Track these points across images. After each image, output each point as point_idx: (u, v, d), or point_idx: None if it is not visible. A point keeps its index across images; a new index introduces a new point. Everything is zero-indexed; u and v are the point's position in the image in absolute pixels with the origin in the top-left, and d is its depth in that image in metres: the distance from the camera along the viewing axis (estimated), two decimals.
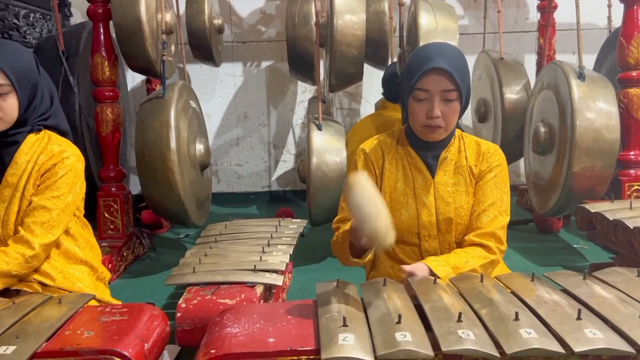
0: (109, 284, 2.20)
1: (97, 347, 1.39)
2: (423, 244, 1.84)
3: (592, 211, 2.62)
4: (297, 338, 1.35)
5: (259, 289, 2.06)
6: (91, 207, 2.79)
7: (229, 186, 4.93)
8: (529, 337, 1.26)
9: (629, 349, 1.25)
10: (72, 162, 1.90)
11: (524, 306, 1.44)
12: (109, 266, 2.91)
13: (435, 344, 1.26)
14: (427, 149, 1.83)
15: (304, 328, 1.40)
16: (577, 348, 1.25)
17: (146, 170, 3.04)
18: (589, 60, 3.85)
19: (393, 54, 4.18)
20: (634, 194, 3.12)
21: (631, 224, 2.32)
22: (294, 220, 2.99)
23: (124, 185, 3.32)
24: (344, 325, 1.32)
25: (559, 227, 3.70)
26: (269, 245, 2.44)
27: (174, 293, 2.70)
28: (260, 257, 2.27)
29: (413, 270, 1.67)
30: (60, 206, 1.87)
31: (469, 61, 1.81)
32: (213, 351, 1.33)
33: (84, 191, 2.00)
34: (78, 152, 1.96)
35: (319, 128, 3.14)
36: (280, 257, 2.29)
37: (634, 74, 3.11)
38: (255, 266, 2.17)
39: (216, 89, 4.80)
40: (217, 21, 4.11)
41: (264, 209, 4.67)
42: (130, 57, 3.06)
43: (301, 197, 4.73)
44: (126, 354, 1.37)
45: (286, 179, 4.95)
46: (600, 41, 4.15)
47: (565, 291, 1.58)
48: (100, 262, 2.12)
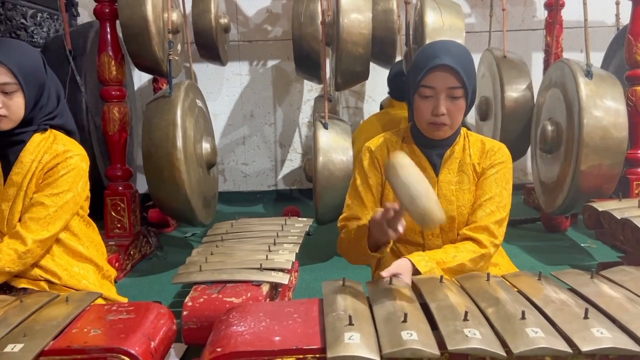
0: (115, 282, 2.20)
1: (103, 345, 1.40)
2: (427, 242, 1.84)
3: (600, 210, 2.60)
4: (302, 337, 1.35)
5: (265, 288, 2.06)
6: (98, 206, 2.81)
7: (235, 185, 4.94)
8: (536, 336, 1.25)
9: (636, 348, 1.24)
10: (75, 161, 1.90)
11: (530, 305, 1.44)
12: (116, 265, 2.92)
13: (441, 343, 1.26)
14: (432, 147, 1.83)
15: (309, 327, 1.40)
16: (584, 347, 1.24)
17: (153, 169, 3.05)
18: (597, 58, 3.83)
19: (401, 52, 4.18)
20: None
21: (639, 223, 2.31)
22: (300, 219, 2.99)
23: (130, 184, 3.33)
24: (350, 324, 1.32)
25: (567, 226, 3.68)
26: (275, 244, 2.44)
27: (181, 291, 2.70)
28: (267, 255, 2.27)
29: (395, 269, 1.63)
30: (59, 203, 1.87)
31: (475, 59, 1.80)
32: (219, 349, 1.33)
33: (87, 190, 2.00)
34: (83, 152, 1.96)
35: (325, 127, 3.14)
36: (287, 255, 2.29)
37: None
38: (261, 265, 2.17)
39: (222, 88, 4.81)
40: (224, 20, 4.11)
41: (270, 207, 4.67)
42: (136, 56, 3.07)
43: (307, 196, 4.73)
44: (133, 352, 1.38)
45: (292, 177, 4.95)
46: (608, 39, 4.13)
47: (573, 290, 1.57)
48: (105, 261, 2.12)
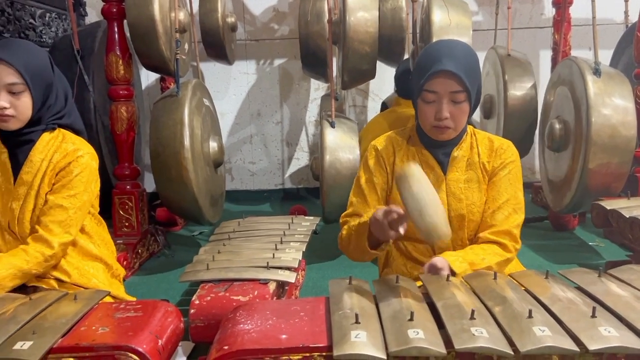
0: (123, 280, 2.22)
1: (111, 343, 1.41)
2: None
3: (608, 208, 2.59)
4: (309, 335, 1.36)
5: (272, 286, 2.07)
6: (106, 205, 2.82)
7: (242, 184, 4.95)
8: (543, 335, 1.25)
9: None
10: (86, 160, 1.91)
11: (537, 304, 1.44)
12: (124, 263, 2.93)
13: (448, 342, 1.26)
14: (438, 147, 1.82)
15: (316, 325, 1.41)
16: (592, 346, 1.24)
17: (160, 168, 3.06)
18: (605, 56, 3.81)
19: (408, 50, 4.17)
20: None
21: None
22: (306, 217, 2.99)
23: (138, 183, 3.35)
24: (357, 322, 1.32)
25: (575, 225, 3.66)
26: (282, 242, 2.45)
27: (188, 290, 2.71)
28: (273, 254, 2.28)
29: (435, 262, 1.66)
30: (77, 205, 1.89)
31: (482, 57, 1.79)
32: (226, 347, 1.34)
33: (98, 189, 2.01)
34: (92, 150, 1.98)
35: (332, 125, 3.14)
36: (293, 254, 2.30)
37: None
38: (268, 263, 2.18)
39: (229, 87, 4.82)
40: (230, 19, 4.12)
41: (277, 206, 4.68)
42: (144, 55, 3.08)
43: (314, 195, 4.73)
44: (140, 350, 1.39)
45: (299, 176, 4.96)
46: (617, 36, 4.10)
47: (580, 289, 1.56)
48: (114, 259, 2.14)
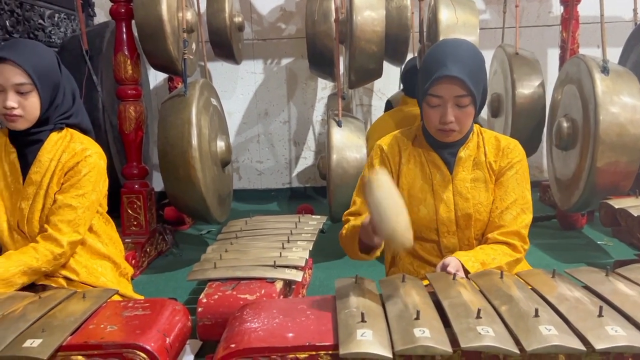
0: (132, 279, 2.23)
1: (120, 341, 1.42)
2: (442, 240, 1.83)
3: (617, 207, 2.58)
4: (315, 333, 1.36)
5: (279, 285, 2.08)
6: (115, 204, 2.84)
7: (250, 183, 4.97)
8: (549, 334, 1.25)
9: None
10: (94, 160, 1.93)
11: (544, 303, 1.43)
12: (133, 262, 2.95)
13: (454, 341, 1.26)
14: (444, 147, 1.82)
15: (322, 323, 1.41)
16: (598, 345, 1.23)
17: (168, 167, 3.08)
18: (614, 54, 3.78)
19: (414, 49, 4.16)
20: None
21: None
22: (313, 216, 3.00)
23: (146, 182, 3.36)
24: (363, 321, 1.33)
25: (583, 224, 3.64)
26: (288, 241, 2.46)
27: (196, 288, 2.73)
28: (280, 253, 2.29)
29: (448, 263, 1.66)
30: (85, 204, 1.90)
31: (490, 56, 1.78)
32: (233, 345, 1.35)
33: (106, 188, 2.03)
34: (100, 149, 1.99)
35: (339, 125, 3.15)
36: (300, 253, 2.30)
37: None
38: (275, 262, 2.19)
39: (237, 86, 4.83)
40: (238, 19, 4.13)
41: (284, 205, 4.69)
42: (152, 55, 3.10)
43: (321, 194, 4.73)
44: (148, 348, 1.40)
45: (306, 175, 4.96)
46: (626, 34, 4.07)
47: (587, 288, 1.56)
48: (122, 258, 2.15)
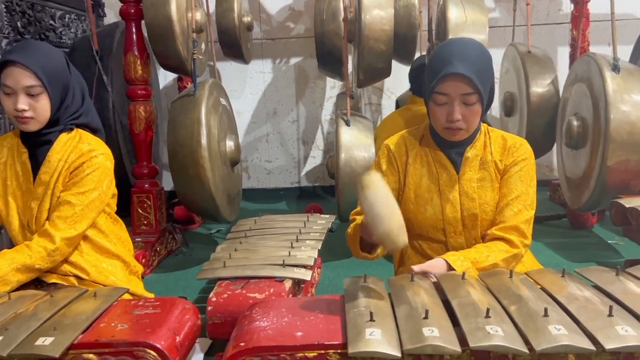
0: (142, 278, 2.24)
1: (130, 339, 1.43)
2: (449, 240, 1.83)
3: (627, 206, 2.57)
4: (324, 332, 1.37)
5: (288, 284, 2.08)
6: (125, 204, 2.86)
7: (259, 182, 4.98)
8: (559, 334, 1.25)
9: None
10: (100, 160, 1.94)
11: (553, 302, 1.43)
12: (143, 261, 2.97)
13: (462, 340, 1.26)
14: (451, 147, 1.81)
15: (331, 322, 1.41)
16: (608, 345, 1.23)
17: (178, 167, 3.09)
18: (625, 52, 3.76)
19: (422, 48, 4.15)
20: None
21: None
22: (322, 215, 3.00)
23: (156, 182, 3.38)
24: (371, 320, 1.33)
25: (593, 223, 3.62)
26: (297, 240, 2.46)
27: (205, 287, 2.74)
28: (289, 252, 2.30)
29: (428, 268, 1.65)
30: (85, 202, 1.91)
31: (500, 54, 1.78)
32: (242, 344, 1.36)
33: (112, 188, 2.04)
34: (107, 150, 2.00)
35: (347, 124, 3.15)
36: (309, 252, 2.31)
37: None
38: (284, 261, 2.19)
39: (246, 86, 4.84)
40: (247, 19, 4.14)
41: (293, 204, 4.70)
42: (161, 55, 3.11)
43: (330, 193, 4.73)
44: (158, 346, 1.41)
45: (315, 174, 4.97)
46: (637, 32, 4.04)
47: (597, 287, 1.55)
48: (132, 257, 2.16)
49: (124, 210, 2.57)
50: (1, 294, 1.68)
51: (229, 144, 3.31)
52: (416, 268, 1.64)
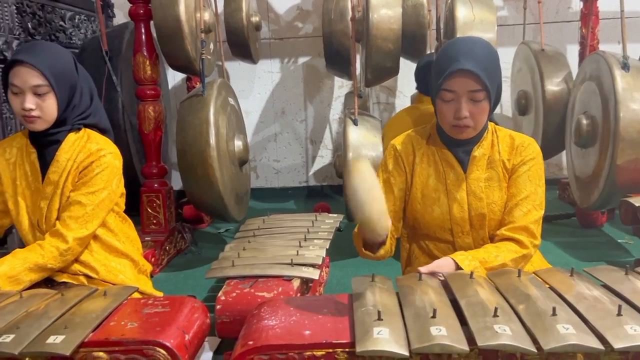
0: (151, 276, 2.26)
1: (140, 337, 1.44)
2: (457, 240, 1.82)
3: (637, 205, 2.55)
4: (332, 331, 1.37)
5: (296, 283, 2.09)
6: (134, 203, 2.88)
7: (267, 181, 4.99)
8: (567, 333, 1.24)
9: None
10: (108, 159, 1.95)
11: (562, 301, 1.42)
12: (152, 260, 2.99)
13: (470, 339, 1.26)
14: (458, 146, 1.80)
15: (339, 321, 1.42)
16: (617, 344, 1.22)
17: (187, 167, 3.11)
18: (635, 50, 3.72)
19: (432, 47, 4.14)
20: None
21: None
22: (330, 215, 3.01)
23: (165, 181, 3.40)
24: (379, 319, 1.33)
25: (603, 222, 3.60)
26: (305, 239, 2.47)
27: (214, 286, 2.75)
28: (297, 251, 2.30)
29: (435, 268, 1.64)
30: (95, 202, 1.92)
31: (509, 53, 1.77)
32: (251, 342, 1.36)
33: (121, 188, 2.05)
34: (116, 150, 2.01)
35: (355, 123, 3.14)
36: (317, 251, 2.31)
37: None
38: (292, 260, 2.20)
39: (254, 85, 4.85)
40: (255, 18, 4.15)
41: (301, 203, 4.70)
42: (170, 56, 3.13)
43: (338, 192, 4.73)
44: (168, 344, 1.42)
45: (323, 174, 4.97)
46: None
47: (606, 287, 1.54)
48: (141, 256, 2.18)
49: (134, 209, 2.58)
50: (13, 292, 1.70)
51: (238, 143, 3.33)
52: (423, 269, 1.63)
